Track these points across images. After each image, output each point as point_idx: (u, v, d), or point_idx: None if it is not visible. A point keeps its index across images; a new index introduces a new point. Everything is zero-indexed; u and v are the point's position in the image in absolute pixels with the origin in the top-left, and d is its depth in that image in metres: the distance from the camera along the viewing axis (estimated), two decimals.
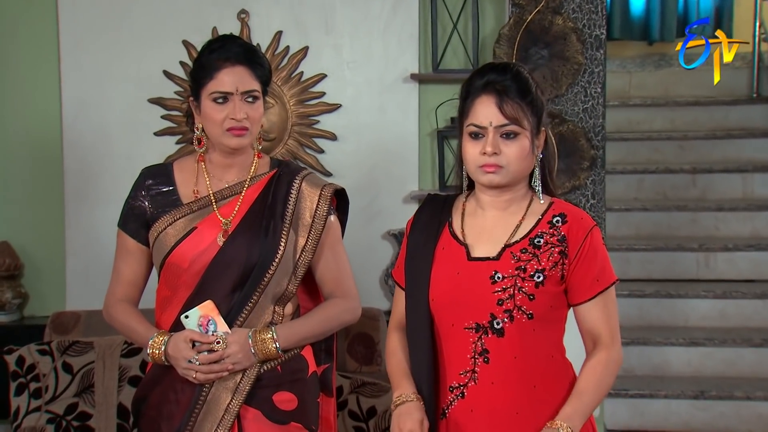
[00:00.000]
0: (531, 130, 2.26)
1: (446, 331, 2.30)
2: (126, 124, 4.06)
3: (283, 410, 2.52)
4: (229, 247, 2.50)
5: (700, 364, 4.77)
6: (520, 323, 2.23)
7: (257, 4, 4.00)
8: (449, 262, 2.30)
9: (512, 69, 2.29)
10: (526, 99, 2.25)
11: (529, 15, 3.83)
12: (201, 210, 2.54)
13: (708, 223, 5.41)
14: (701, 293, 5.00)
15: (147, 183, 2.59)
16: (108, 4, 4.03)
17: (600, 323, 2.28)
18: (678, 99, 6.14)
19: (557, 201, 2.34)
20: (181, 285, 2.51)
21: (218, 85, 2.48)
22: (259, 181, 2.59)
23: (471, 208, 2.36)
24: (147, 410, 2.55)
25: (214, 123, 2.50)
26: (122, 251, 2.61)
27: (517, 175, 2.28)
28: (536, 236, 2.27)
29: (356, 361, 3.58)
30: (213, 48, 2.52)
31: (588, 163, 3.90)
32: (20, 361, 3.53)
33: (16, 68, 4.11)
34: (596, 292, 2.27)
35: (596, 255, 2.27)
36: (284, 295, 2.56)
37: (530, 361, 2.24)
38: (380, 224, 4.06)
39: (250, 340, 2.46)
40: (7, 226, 4.16)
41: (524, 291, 2.23)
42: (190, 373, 2.44)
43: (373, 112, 4.04)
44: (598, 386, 2.25)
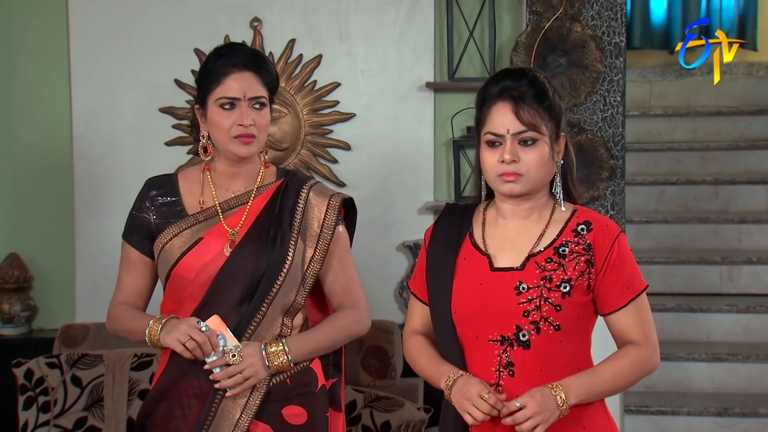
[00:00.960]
0: (550, 136, 2.20)
1: (470, 343, 2.24)
2: (137, 133, 4.01)
3: (293, 424, 2.47)
4: (237, 258, 2.45)
5: (723, 380, 4.67)
6: (547, 335, 2.17)
7: (270, 11, 3.95)
8: (471, 273, 2.25)
9: (528, 74, 2.24)
10: (544, 104, 2.19)
11: (547, 22, 3.75)
12: (207, 221, 2.50)
13: (731, 236, 5.32)
14: (724, 307, 4.90)
15: (151, 194, 2.55)
16: (119, 12, 3.99)
17: (634, 330, 2.21)
18: (700, 109, 6.05)
19: (580, 208, 2.28)
20: (187, 297, 2.46)
21: (225, 91, 2.44)
22: (266, 191, 2.55)
23: (491, 218, 2.31)
24: (152, 427, 2.50)
25: (221, 130, 2.45)
26: (126, 263, 2.58)
27: (538, 183, 2.22)
28: (561, 245, 2.22)
29: (370, 374, 3.51)
30: (220, 54, 2.49)
31: (607, 173, 3.82)
32: (29, 375, 3.47)
33: (26, 77, 4.07)
34: (627, 300, 2.21)
35: (624, 262, 2.21)
36: (293, 307, 2.51)
37: (556, 375, 2.17)
38: (394, 236, 3.99)
39: (263, 352, 2.42)
40: (16, 237, 4.12)
41: (551, 302, 2.17)
42: (184, 338, 2.35)
43: (387, 121, 3.97)
44: (616, 372, 2.19)
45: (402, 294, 3.94)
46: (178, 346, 2.36)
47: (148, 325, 2.42)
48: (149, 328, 2.42)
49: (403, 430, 3.29)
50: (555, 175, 2.25)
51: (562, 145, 2.25)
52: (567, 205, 2.28)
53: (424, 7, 3.91)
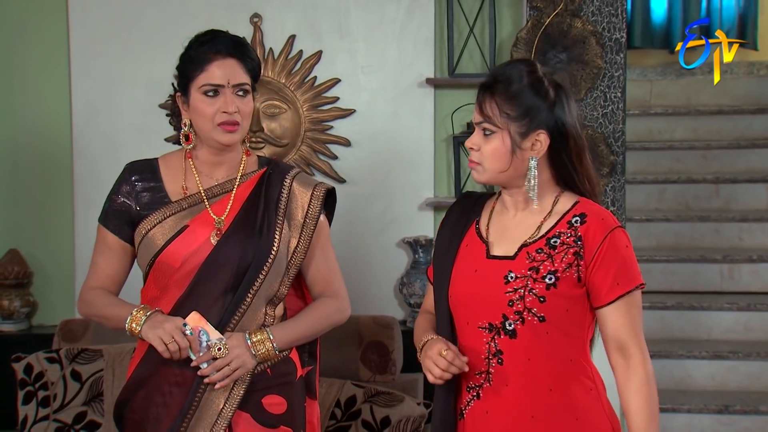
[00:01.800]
0: (512, 130, 2.20)
1: (462, 329, 2.28)
2: (136, 130, 4.00)
3: (273, 413, 2.48)
4: (224, 247, 2.45)
5: (723, 378, 4.67)
6: (532, 325, 2.19)
7: (270, 8, 3.95)
8: (469, 260, 2.28)
9: (516, 65, 2.26)
10: (508, 96, 2.20)
11: (547, 18, 3.74)
12: (191, 208, 2.49)
13: (732, 234, 5.32)
14: (725, 305, 4.90)
15: (132, 178, 2.53)
16: (118, 9, 3.98)
17: (623, 330, 2.20)
18: (701, 108, 6.04)
19: (583, 201, 2.27)
20: (172, 285, 2.45)
21: (209, 78, 2.43)
22: (250, 179, 2.55)
23: (499, 207, 2.34)
24: (131, 414, 2.49)
25: (205, 117, 2.44)
26: (102, 247, 2.55)
27: (498, 175, 2.24)
28: (553, 236, 2.22)
29: (370, 369, 3.50)
30: (202, 41, 2.48)
31: (607, 169, 3.81)
32: (28, 369, 3.46)
33: (25, 74, 4.06)
34: (616, 296, 2.19)
35: (616, 257, 2.19)
36: (276, 297, 2.52)
37: (545, 364, 2.19)
38: (395, 232, 3.98)
39: (249, 342, 2.42)
40: (15, 233, 4.11)
41: (534, 293, 2.18)
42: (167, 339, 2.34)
43: (387, 117, 3.96)
44: (651, 411, 2.19)
45: (402, 290, 3.93)
46: (160, 344, 2.35)
47: (131, 314, 2.40)
48: (132, 317, 2.40)
49: (403, 425, 3.28)
50: (528, 170, 2.22)
51: (542, 142, 2.21)
52: (570, 197, 2.27)
53: (425, 3, 3.90)
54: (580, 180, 2.28)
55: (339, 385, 3.37)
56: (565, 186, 2.29)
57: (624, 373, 2.20)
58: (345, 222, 3.96)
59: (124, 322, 2.41)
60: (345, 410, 3.32)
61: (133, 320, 2.39)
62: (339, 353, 3.50)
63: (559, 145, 2.23)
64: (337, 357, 3.49)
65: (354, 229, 3.98)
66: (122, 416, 2.51)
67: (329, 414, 3.31)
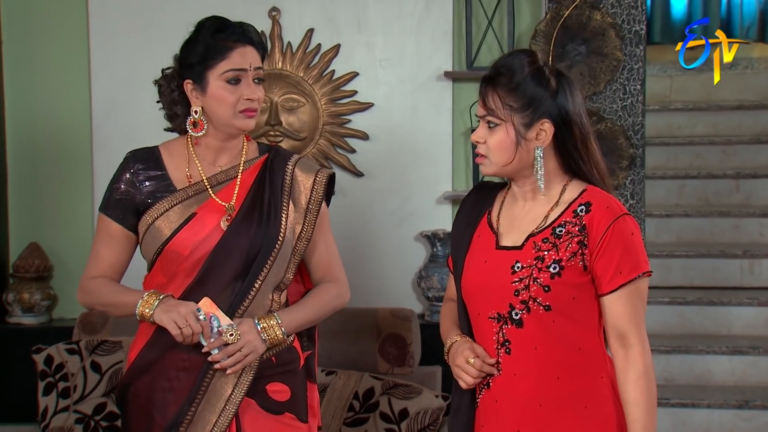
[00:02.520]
0: (515, 122, 2.20)
1: (475, 319, 2.29)
2: (155, 124, 3.92)
3: (277, 401, 2.49)
4: (234, 233, 2.45)
5: (743, 373, 4.63)
6: (538, 314, 2.19)
7: (288, 1, 3.96)
8: (480, 250, 2.29)
9: (516, 55, 2.26)
10: (510, 87, 2.20)
11: (566, 10, 3.74)
12: (197, 195, 2.48)
13: (752, 230, 5.28)
14: (745, 301, 4.86)
15: (136, 167, 2.51)
16: (138, 3, 4.00)
17: (623, 319, 2.19)
18: (721, 103, 6.00)
19: (590, 189, 2.25)
20: (180, 272, 2.45)
21: (233, 64, 2.43)
22: (253, 166, 2.55)
23: (510, 198, 2.34)
24: (134, 398, 2.48)
25: (227, 104, 2.44)
26: (105, 236, 2.53)
27: (504, 167, 2.24)
28: (559, 226, 2.22)
29: (388, 362, 3.50)
30: (220, 28, 2.48)
31: (627, 162, 3.80)
32: (49, 361, 3.49)
33: (46, 68, 4.09)
34: (618, 284, 2.18)
35: (620, 245, 2.18)
36: (282, 282, 2.52)
37: (552, 353, 2.19)
38: (413, 225, 3.98)
39: (258, 327, 2.43)
40: (36, 227, 4.13)
41: (539, 282, 2.18)
42: (182, 322, 2.34)
43: (405, 111, 3.97)
44: (649, 403, 2.18)
45: (420, 284, 3.93)
46: (174, 328, 2.34)
47: (142, 298, 2.40)
48: (144, 302, 2.39)
49: (421, 417, 3.28)
50: (535, 161, 2.22)
51: (548, 131, 2.21)
52: (578, 185, 2.26)
53: None
54: (587, 168, 2.27)
55: (357, 377, 3.38)
56: (573, 174, 2.28)
57: (623, 364, 2.19)
58: (363, 216, 3.98)
59: (134, 307, 2.41)
60: (363, 402, 3.32)
61: (145, 304, 2.39)
62: (357, 345, 3.51)
63: (564, 134, 2.23)
64: (355, 349, 3.50)
65: (372, 222, 3.99)
66: (125, 400, 2.51)
67: (347, 406, 3.31)
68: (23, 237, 4.12)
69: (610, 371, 2.24)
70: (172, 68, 2.55)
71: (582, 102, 2.27)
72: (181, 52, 2.52)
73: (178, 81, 2.51)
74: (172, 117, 2.56)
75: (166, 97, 2.55)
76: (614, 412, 2.22)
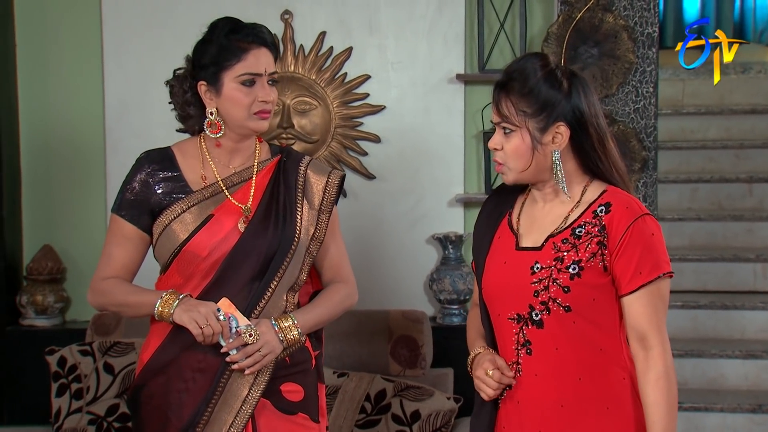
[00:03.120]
0: (530, 126, 2.19)
1: (495, 320, 2.29)
2: (168, 126, 3.94)
3: (291, 401, 2.50)
4: (252, 235, 2.46)
5: (757, 377, 4.61)
6: (558, 315, 2.18)
7: (301, 4, 3.97)
8: (500, 252, 2.29)
9: (528, 60, 2.25)
10: (523, 94, 2.19)
11: (579, 13, 3.74)
12: (213, 197, 2.49)
13: (765, 234, 5.25)
14: (758, 305, 4.83)
15: (150, 168, 2.51)
16: (150, 5, 4.02)
17: (644, 320, 2.18)
18: (734, 107, 5.97)
19: (611, 190, 2.25)
20: (197, 273, 2.45)
21: (248, 67, 2.44)
22: (266, 167, 2.55)
23: (530, 199, 2.34)
24: (148, 399, 2.48)
25: (241, 106, 2.44)
26: (117, 237, 2.52)
27: (523, 172, 2.23)
28: (579, 226, 2.21)
29: (399, 364, 3.50)
30: (234, 29, 2.48)
31: (639, 164, 3.79)
32: (62, 362, 3.51)
33: (59, 70, 4.11)
34: (638, 285, 2.17)
35: (639, 245, 2.17)
36: (296, 283, 2.54)
37: (573, 354, 2.18)
38: (425, 228, 3.98)
39: (276, 328, 2.43)
40: (49, 229, 4.15)
41: (558, 283, 2.18)
42: (203, 322, 2.34)
43: (417, 113, 3.97)
44: (669, 405, 2.17)
45: (432, 286, 3.93)
46: (195, 328, 2.34)
47: (161, 297, 2.39)
48: (163, 301, 2.38)
49: (433, 419, 3.28)
50: (554, 164, 2.22)
51: (564, 134, 2.20)
52: (599, 186, 2.26)
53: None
54: (606, 167, 2.25)
55: (369, 379, 3.38)
56: (594, 175, 2.27)
57: (643, 365, 2.18)
58: (375, 218, 3.98)
59: (151, 307, 2.40)
60: (375, 404, 3.33)
61: (165, 304, 2.38)
62: (369, 347, 3.51)
63: (581, 135, 2.22)
64: (366, 351, 3.51)
65: (384, 225, 3.99)
66: (138, 401, 2.50)
67: (359, 407, 3.32)
68: (36, 239, 4.13)
69: (632, 372, 2.22)
70: (183, 69, 2.56)
71: (597, 101, 2.26)
72: (194, 53, 2.52)
73: (191, 82, 2.51)
74: (184, 118, 2.56)
75: (179, 98, 2.55)
76: (636, 413, 2.21)
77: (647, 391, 2.17)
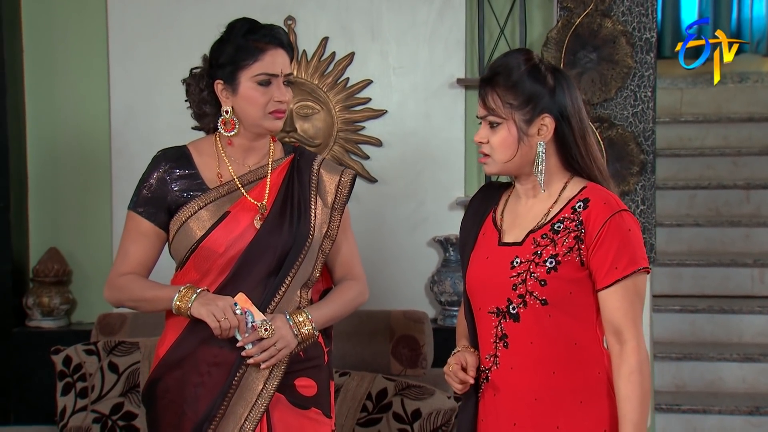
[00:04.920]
0: (516, 119, 2.24)
1: (477, 314, 2.35)
2: (173, 131, 3.98)
3: (304, 395, 2.53)
4: (267, 232, 2.50)
5: (754, 380, 4.66)
6: (534, 308, 2.23)
7: (304, 10, 4.02)
8: (484, 247, 2.35)
9: (511, 55, 2.31)
10: (507, 85, 2.24)
11: (578, 18, 3.79)
12: (229, 194, 2.53)
13: (762, 239, 5.32)
14: (756, 309, 4.90)
15: (167, 166, 2.54)
16: (156, 11, 4.07)
17: (619, 314, 2.21)
18: (731, 115, 6.05)
19: (591, 186, 2.29)
20: (213, 269, 2.49)
21: (265, 67, 2.48)
22: (281, 166, 2.60)
23: (514, 196, 2.39)
24: (164, 393, 2.51)
25: (256, 106, 2.49)
26: (134, 234, 2.55)
27: (508, 164, 2.28)
28: (558, 221, 2.26)
29: (401, 363, 3.54)
30: (251, 29, 2.52)
31: (638, 168, 3.84)
32: (67, 361, 3.54)
33: (65, 76, 4.16)
34: (614, 280, 2.20)
35: (615, 240, 2.20)
36: (309, 280, 2.58)
37: (548, 348, 2.23)
38: (426, 231, 4.03)
39: (291, 323, 2.47)
40: (55, 232, 4.19)
41: (536, 276, 2.22)
42: (220, 315, 2.38)
43: (419, 118, 4.02)
44: (641, 400, 2.20)
45: (433, 288, 3.97)
46: (213, 321, 2.37)
47: (179, 292, 2.42)
48: (181, 295, 2.42)
49: (434, 418, 3.31)
50: (537, 156, 2.26)
51: (548, 126, 2.25)
52: (579, 183, 2.30)
53: (456, 4, 3.96)
54: (586, 163, 2.30)
55: (370, 378, 3.41)
56: (574, 172, 2.32)
57: (617, 359, 2.21)
58: (377, 221, 4.02)
59: (169, 301, 2.43)
60: (376, 403, 3.36)
61: (182, 298, 2.42)
62: (370, 347, 3.54)
63: (564, 129, 2.27)
64: (368, 351, 3.54)
65: (386, 227, 4.03)
66: (154, 395, 2.54)
67: (361, 406, 3.35)
68: (43, 242, 4.18)
69: (608, 367, 2.26)
70: (200, 68, 2.60)
71: (579, 97, 2.32)
72: (212, 53, 2.56)
73: (207, 81, 2.55)
74: (200, 116, 2.60)
75: (195, 97, 2.58)
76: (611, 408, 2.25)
77: (620, 384, 2.20)
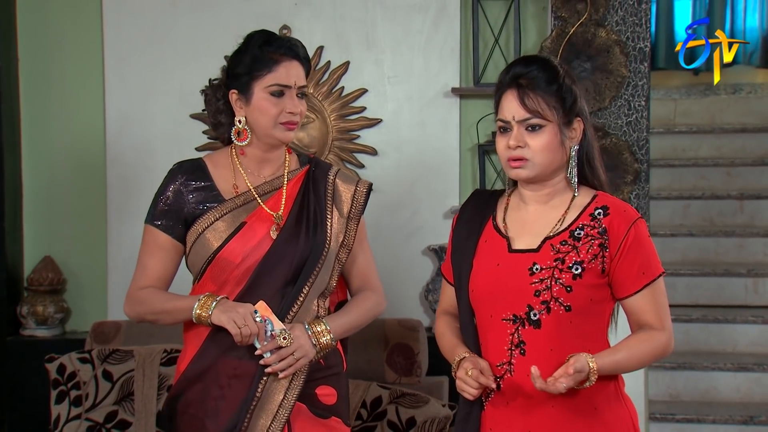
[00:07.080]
0: (558, 122, 2.25)
1: (485, 322, 2.31)
2: (168, 139, 4.08)
3: (325, 404, 2.53)
4: (284, 242, 2.51)
5: (748, 389, 4.66)
6: (557, 315, 2.22)
7: (299, 19, 4.03)
8: (490, 255, 2.32)
9: (538, 60, 2.32)
10: (551, 90, 2.25)
11: (572, 27, 3.81)
12: (245, 205, 2.54)
13: (756, 249, 5.33)
14: (750, 319, 4.90)
15: (183, 179, 2.56)
16: (151, 20, 4.08)
17: (651, 314, 2.25)
18: (725, 126, 6.07)
19: (601, 194, 2.32)
20: (231, 280, 2.50)
21: (278, 78, 2.50)
22: (297, 176, 2.61)
23: (515, 203, 2.38)
24: (185, 408, 2.51)
25: (269, 116, 2.50)
26: (152, 247, 2.56)
27: (546, 168, 2.28)
28: (577, 228, 2.26)
29: (395, 372, 3.54)
30: (268, 41, 2.54)
31: (632, 177, 3.85)
32: (61, 369, 3.54)
33: (61, 84, 4.17)
34: (642, 285, 2.24)
35: (640, 247, 2.24)
36: (327, 289, 2.58)
37: (566, 354, 2.21)
38: (421, 239, 4.03)
39: (309, 332, 2.48)
40: (50, 241, 4.19)
41: (561, 282, 2.22)
42: (241, 322, 2.38)
43: (413, 126, 4.03)
44: (637, 350, 2.23)
45: (427, 297, 3.98)
46: (234, 328, 2.37)
47: (199, 300, 2.43)
48: (201, 303, 2.43)
49: (428, 426, 3.32)
50: (570, 159, 2.29)
51: (578, 130, 2.28)
52: (588, 191, 2.32)
53: (450, 14, 3.98)
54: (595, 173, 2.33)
55: (365, 386, 3.42)
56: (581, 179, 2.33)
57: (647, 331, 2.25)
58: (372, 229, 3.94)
59: (189, 311, 2.44)
60: (371, 411, 3.36)
61: (202, 306, 2.42)
62: (365, 355, 3.55)
63: (587, 133, 2.31)
64: (363, 359, 3.54)
65: (380, 236, 4.02)
66: (175, 411, 2.53)
67: (355, 414, 3.35)
68: (37, 251, 4.18)
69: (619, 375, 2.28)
70: (219, 79, 2.61)
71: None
72: (229, 63, 2.58)
73: (224, 91, 2.57)
74: (216, 126, 2.62)
75: (211, 106, 2.61)
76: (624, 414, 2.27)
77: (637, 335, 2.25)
